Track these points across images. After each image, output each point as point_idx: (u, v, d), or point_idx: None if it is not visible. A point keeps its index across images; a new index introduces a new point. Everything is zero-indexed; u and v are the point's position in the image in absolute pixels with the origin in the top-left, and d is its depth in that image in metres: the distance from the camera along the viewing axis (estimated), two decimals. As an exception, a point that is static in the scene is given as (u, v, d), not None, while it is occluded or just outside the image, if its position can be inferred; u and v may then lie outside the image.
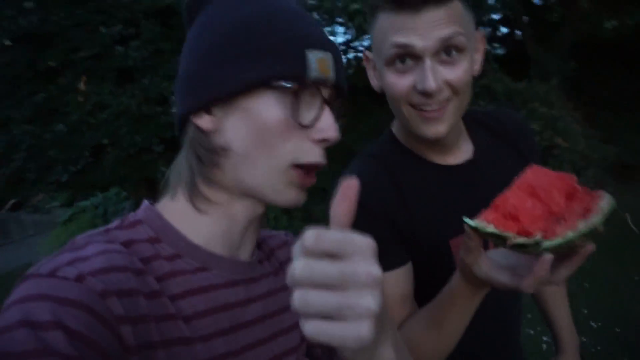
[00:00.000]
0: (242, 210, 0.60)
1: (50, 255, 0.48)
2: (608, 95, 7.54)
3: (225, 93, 0.55)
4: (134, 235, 0.55)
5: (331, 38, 0.61)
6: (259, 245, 0.69)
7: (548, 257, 0.55)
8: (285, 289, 0.68)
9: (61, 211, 9.61)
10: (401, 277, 0.88)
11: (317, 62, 0.54)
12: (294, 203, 0.59)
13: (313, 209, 7.19)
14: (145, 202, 0.60)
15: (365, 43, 8.26)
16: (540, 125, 5.72)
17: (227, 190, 0.59)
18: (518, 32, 8.14)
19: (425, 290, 0.89)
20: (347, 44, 8.20)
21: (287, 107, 0.54)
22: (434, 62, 0.79)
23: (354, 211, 0.39)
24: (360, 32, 6.87)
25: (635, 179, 6.54)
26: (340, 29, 7.85)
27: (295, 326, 0.66)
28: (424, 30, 0.77)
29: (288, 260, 0.74)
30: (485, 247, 0.68)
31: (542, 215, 0.58)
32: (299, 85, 0.54)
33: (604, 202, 0.57)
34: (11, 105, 4.66)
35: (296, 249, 0.36)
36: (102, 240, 0.51)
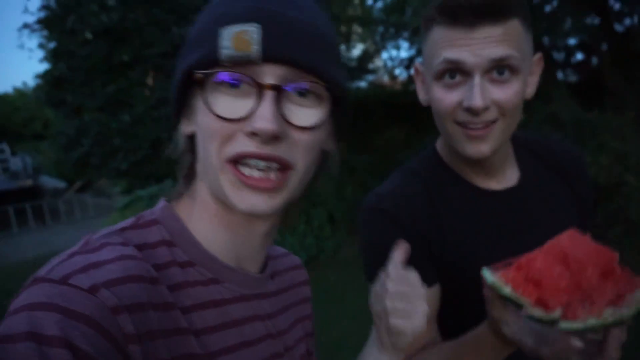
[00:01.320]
0: (246, 221, 0.57)
1: (61, 253, 0.46)
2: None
3: (172, 97, 0.54)
4: (148, 237, 0.53)
5: (394, 52, 0.53)
6: (270, 260, 0.67)
7: (578, 344, 0.50)
8: (287, 311, 0.66)
9: (121, 197, 10.19)
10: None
11: (232, 37, 0.46)
12: (250, 207, 0.50)
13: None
14: (162, 201, 0.59)
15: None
16: (610, 159, 5.34)
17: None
18: (595, 60, 7.70)
19: (450, 317, 0.87)
20: (410, 59, 8.12)
21: (214, 99, 0.49)
22: (483, 80, 0.77)
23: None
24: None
25: None
26: (405, 44, 7.77)
27: (293, 347, 0.65)
28: (476, 47, 0.75)
29: (298, 284, 0.73)
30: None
31: (568, 288, 0.53)
32: (212, 70, 0.48)
33: None
34: (86, 94, 5.00)
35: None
36: (117, 242, 0.49)
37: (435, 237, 0.87)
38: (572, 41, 7.91)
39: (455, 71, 0.79)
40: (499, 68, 0.77)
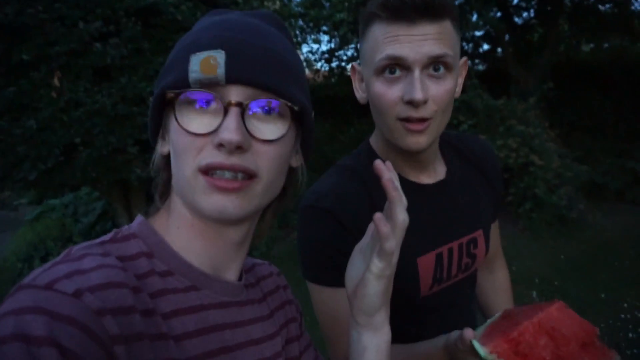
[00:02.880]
0: (219, 230, 0.60)
1: (44, 264, 0.48)
2: (582, 116, 7.74)
3: (149, 118, 0.59)
4: (127, 250, 0.55)
5: (314, 46, 0.57)
6: (247, 271, 0.71)
7: None
8: (268, 319, 0.68)
9: (29, 209, 9.28)
10: None
11: (200, 62, 0.52)
12: (219, 209, 0.54)
13: (289, 215, 7.15)
14: (140, 217, 0.62)
15: (349, 53, 8.30)
16: (517, 142, 5.82)
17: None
18: (499, 50, 8.31)
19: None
20: (330, 52, 8.23)
21: (184, 117, 0.53)
22: (422, 75, 0.80)
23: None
24: (344, 42, 6.90)
25: (604, 198, 6.72)
26: (325, 38, 7.86)
27: (274, 357, 0.66)
28: (416, 44, 0.78)
29: (275, 289, 0.75)
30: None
31: (551, 359, 0.59)
32: (182, 90, 0.53)
33: None
34: (-20, 98, 4.49)
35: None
36: (98, 252, 0.51)
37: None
38: (478, 33, 8.46)
39: (395, 66, 0.81)
40: (436, 65, 0.81)
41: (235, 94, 0.53)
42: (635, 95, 7.68)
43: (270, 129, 0.55)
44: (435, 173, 1.00)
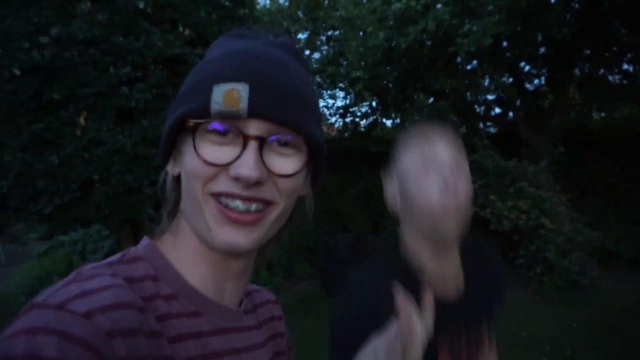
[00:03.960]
0: (225, 257, 0.60)
1: (55, 283, 0.49)
2: (594, 182, 7.74)
3: (163, 137, 0.59)
4: (134, 272, 0.55)
5: (330, 101, 0.60)
6: (245, 296, 0.71)
7: None
8: (264, 346, 0.69)
9: (38, 244, 9.33)
10: None
11: (224, 94, 0.52)
12: (230, 243, 0.55)
13: (296, 266, 7.09)
14: (146, 239, 0.62)
15: (364, 109, 8.55)
16: (528, 204, 5.81)
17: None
18: (511, 114, 8.49)
19: None
20: (345, 108, 8.49)
21: (202, 145, 0.54)
22: None
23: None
24: (359, 99, 7.13)
25: (617, 266, 6.58)
26: (341, 94, 8.13)
27: None
28: None
29: (269, 318, 0.77)
30: None
31: None
32: (204, 120, 0.53)
33: None
34: (8, 132, 4.68)
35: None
36: (108, 273, 0.52)
37: None
38: (490, 97, 8.70)
39: None
40: None
41: (255, 127, 0.53)
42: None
43: (287, 164, 0.56)
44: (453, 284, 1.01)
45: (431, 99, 8.59)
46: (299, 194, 0.61)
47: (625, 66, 7.46)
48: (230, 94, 0.52)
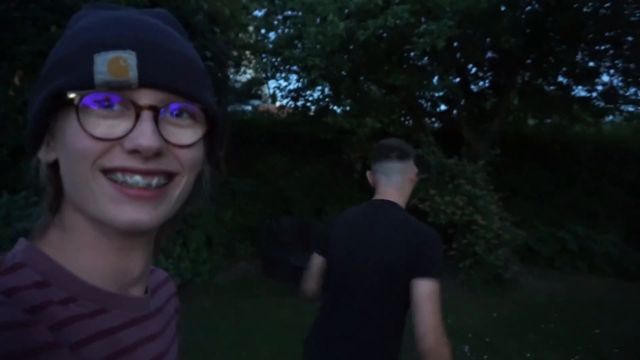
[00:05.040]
0: (124, 244, 0.55)
1: None
2: (523, 184, 8.33)
3: (31, 118, 0.52)
4: (16, 282, 0.48)
5: (283, 83, 0.58)
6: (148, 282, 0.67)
7: None
8: (168, 326, 0.68)
9: (-43, 207, 8.58)
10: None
11: (108, 63, 0.47)
12: (132, 221, 0.50)
13: (237, 245, 7.07)
14: (23, 241, 0.54)
15: (316, 95, 8.55)
16: (464, 201, 6.16)
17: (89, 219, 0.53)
18: (455, 112, 8.86)
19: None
20: (297, 91, 8.45)
21: (88, 120, 0.48)
22: None
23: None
24: (313, 85, 7.13)
25: (536, 263, 7.18)
26: (294, 77, 8.08)
27: None
28: None
29: (170, 297, 0.74)
30: None
31: None
32: (89, 91, 0.48)
33: None
34: None
35: None
36: None
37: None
38: (437, 94, 9.01)
39: None
40: None
41: (147, 97, 0.49)
42: (570, 170, 8.39)
43: (186, 134, 0.53)
44: None
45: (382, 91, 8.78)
46: (199, 168, 0.57)
47: (560, 78, 8.01)
48: (115, 63, 0.47)
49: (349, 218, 1.74)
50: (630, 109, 8.11)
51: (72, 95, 0.47)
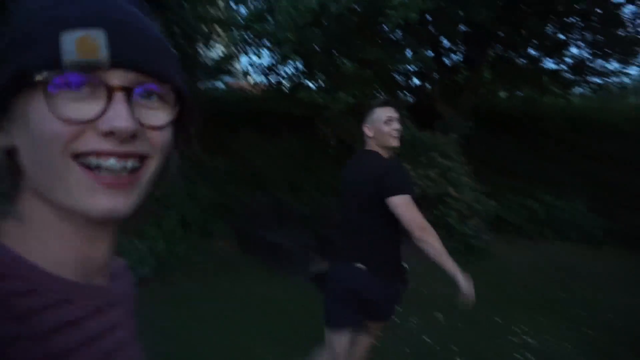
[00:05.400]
0: (91, 232, 0.54)
1: None
2: (494, 156, 8.51)
3: None
4: None
5: (254, 59, 0.57)
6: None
7: None
8: (131, 312, 0.67)
9: None
10: None
11: (76, 42, 0.45)
12: (108, 211, 0.48)
13: (212, 224, 7.04)
14: None
15: (288, 69, 8.45)
16: (437, 173, 6.27)
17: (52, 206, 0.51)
18: (429, 86, 8.91)
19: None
20: (269, 67, 8.33)
21: (56, 103, 0.45)
22: None
23: None
24: (285, 60, 7.04)
25: (507, 232, 7.43)
26: (266, 52, 7.95)
27: (139, 353, 0.67)
28: None
29: (129, 285, 0.72)
30: None
31: None
32: (58, 72, 0.45)
33: None
34: None
35: None
36: None
37: None
38: (411, 68, 9.02)
39: None
40: None
41: (118, 78, 0.47)
42: (539, 141, 8.61)
43: (157, 115, 0.52)
44: None
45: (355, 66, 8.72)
46: (168, 150, 0.56)
47: (530, 51, 8.12)
48: (84, 42, 0.45)
49: (347, 165, 2.64)
50: (598, 80, 8.32)
51: (39, 77, 0.45)
